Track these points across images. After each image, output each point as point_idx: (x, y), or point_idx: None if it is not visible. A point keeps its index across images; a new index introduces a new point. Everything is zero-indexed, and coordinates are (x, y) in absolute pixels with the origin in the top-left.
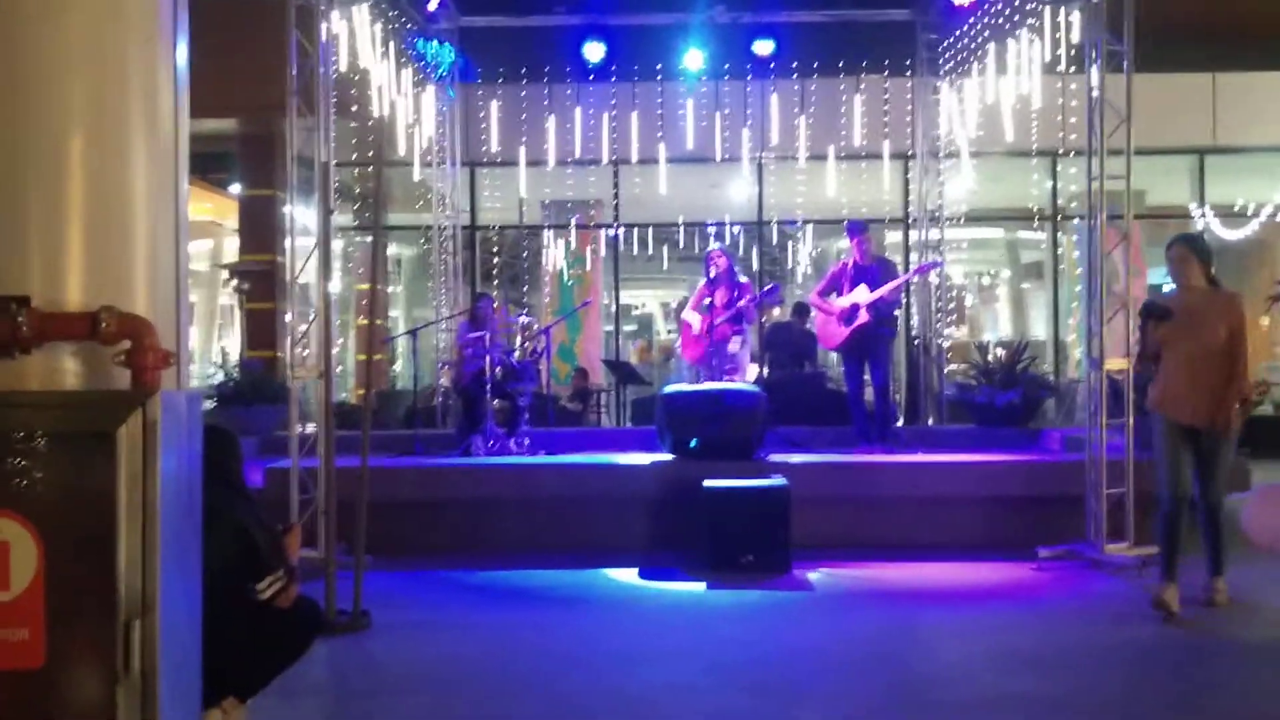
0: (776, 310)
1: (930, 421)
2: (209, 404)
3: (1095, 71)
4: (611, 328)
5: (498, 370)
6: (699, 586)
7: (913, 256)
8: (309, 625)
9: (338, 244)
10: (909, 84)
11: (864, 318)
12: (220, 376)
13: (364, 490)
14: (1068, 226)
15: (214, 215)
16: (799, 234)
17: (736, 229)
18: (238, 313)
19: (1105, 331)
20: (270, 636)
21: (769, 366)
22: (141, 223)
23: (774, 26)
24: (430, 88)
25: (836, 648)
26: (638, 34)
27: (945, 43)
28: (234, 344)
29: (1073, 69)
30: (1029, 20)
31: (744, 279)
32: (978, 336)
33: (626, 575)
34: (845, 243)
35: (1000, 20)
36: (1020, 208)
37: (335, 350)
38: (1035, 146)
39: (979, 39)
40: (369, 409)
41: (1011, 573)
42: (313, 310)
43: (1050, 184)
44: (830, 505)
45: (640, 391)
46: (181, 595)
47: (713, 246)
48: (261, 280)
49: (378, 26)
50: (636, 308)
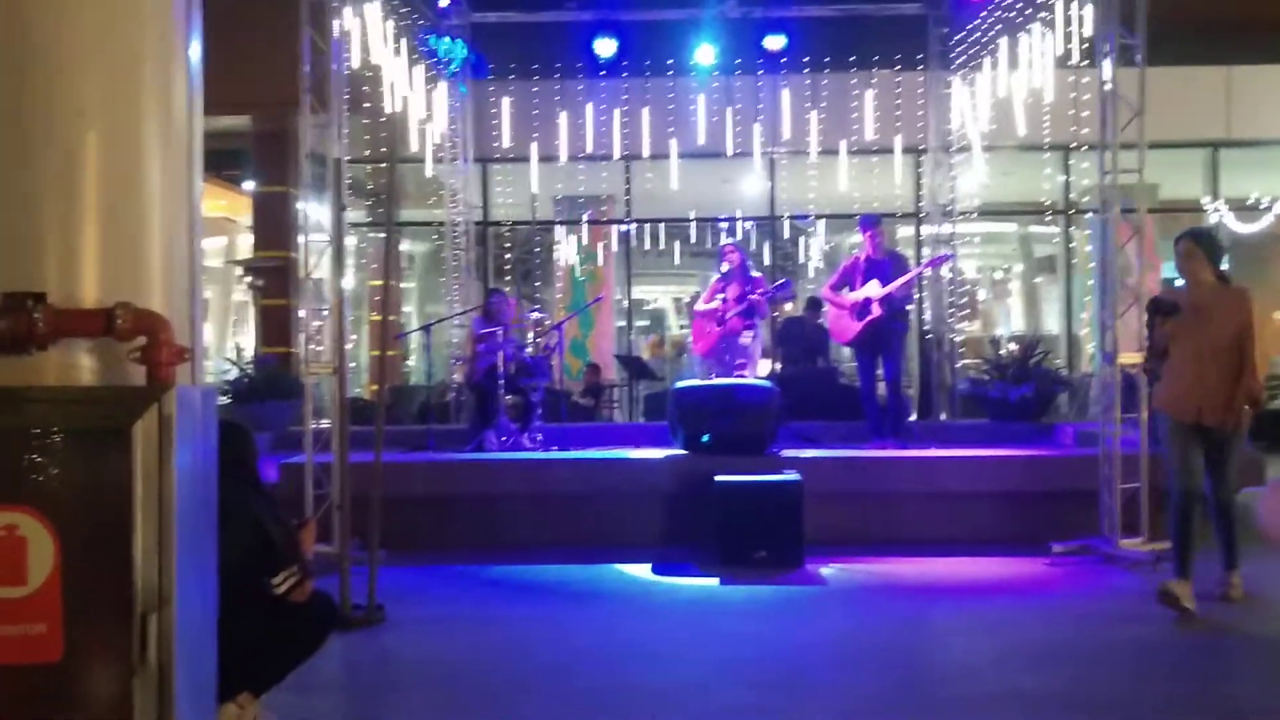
0: (789, 305)
1: (943, 416)
2: (224, 400)
3: (1108, 65)
4: (624, 323)
5: (510, 366)
6: (711, 582)
7: (925, 251)
8: (324, 620)
9: (351, 240)
10: (921, 78)
11: (876, 312)
12: (235, 373)
13: (378, 485)
14: (1080, 221)
15: (228, 212)
16: (811, 229)
17: (748, 224)
18: (252, 309)
19: (1118, 326)
20: (285, 631)
21: (781, 361)
22: (156, 219)
23: (785, 21)
24: (442, 84)
25: (849, 643)
26: (649, 29)
27: (957, 36)
28: (248, 340)
29: (1085, 62)
30: (1041, 14)
31: (757, 274)
32: (990, 331)
33: (639, 570)
34: (857, 237)
35: (1012, 14)
36: (1033, 202)
37: (349, 346)
38: (1048, 140)
39: (991, 33)
40: (383, 404)
41: (1024, 568)
42: (326, 306)
43: (1063, 178)
44: (843, 500)
45: (652, 387)
46: (197, 589)
47: (726, 242)
48: (275, 276)
49: (390, 23)
50: (648, 303)
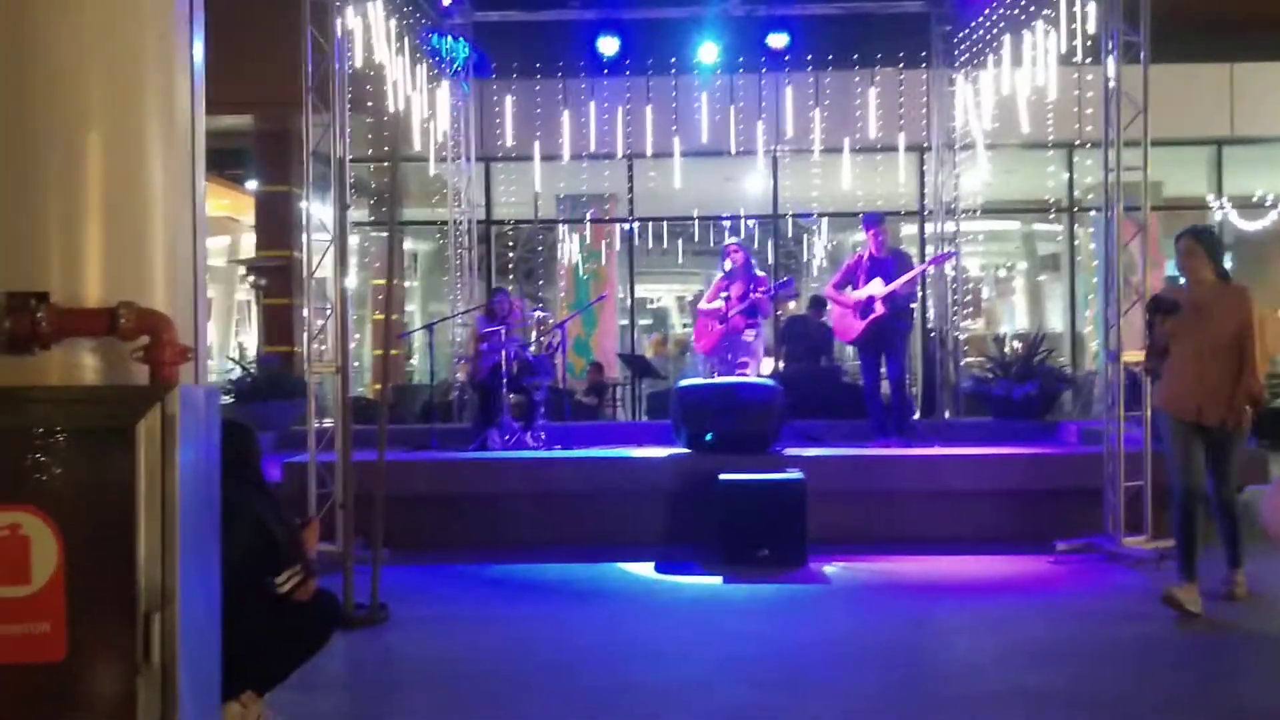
0: (792, 304)
1: (947, 414)
2: (227, 399)
3: (1111, 62)
4: (627, 322)
5: (513, 365)
6: (715, 580)
7: (928, 249)
8: (327, 619)
9: (354, 239)
10: (924, 76)
11: (880, 310)
12: (238, 372)
13: (381, 484)
14: (1084, 218)
15: (231, 211)
16: (814, 227)
17: (751, 222)
18: (255, 308)
19: (1122, 323)
20: (289, 630)
21: (785, 360)
22: (159, 219)
23: (788, 19)
24: (445, 83)
25: (852, 642)
26: (652, 28)
27: (960, 34)
28: (251, 339)
29: (1089, 60)
30: (1044, 11)
31: (761, 273)
32: (994, 329)
33: (642, 569)
34: (860, 235)
35: (1015, 11)
36: (1036, 200)
37: (352, 345)
38: (1051, 138)
39: (994, 30)
40: (386, 403)
41: (1028, 566)
42: (329, 305)
43: (1066, 175)
44: (846, 499)
45: (656, 385)
46: (200, 588)
47: (729, 241)
48: (278, 276)
49: (392, 22)
50: (652, 302)
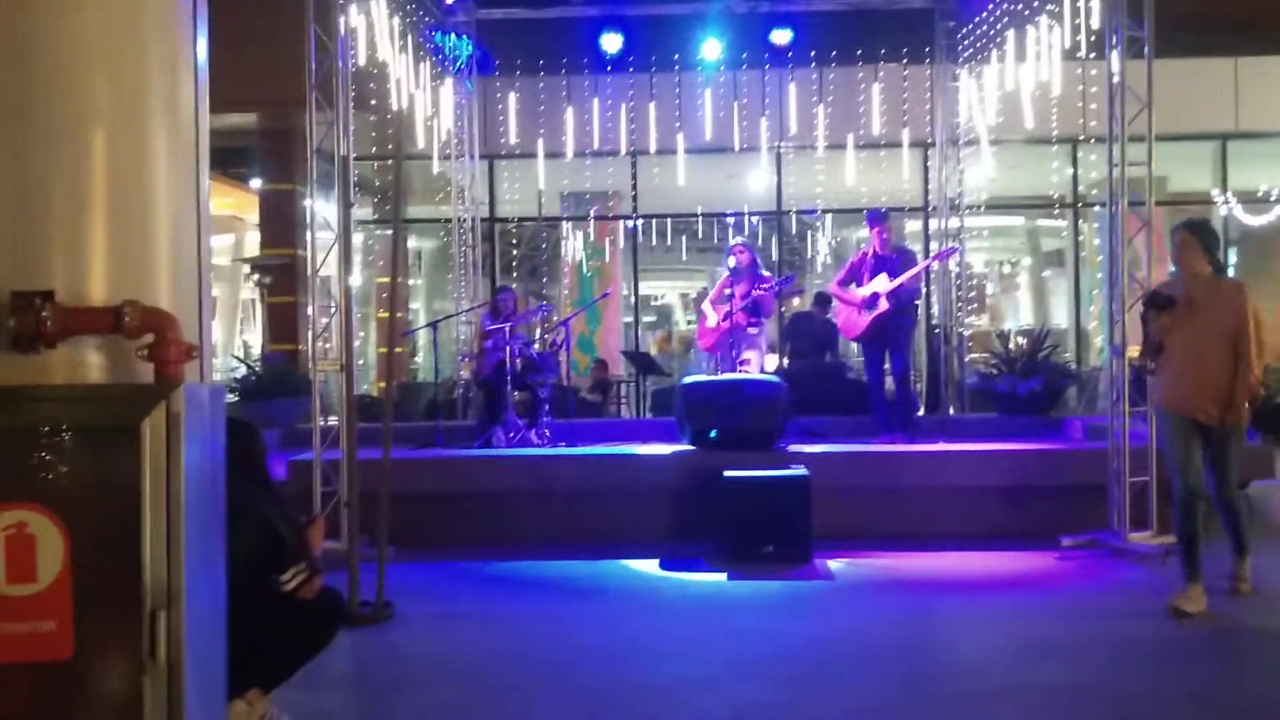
0: (797, 300)
1: (952, 410)
2: (232, 397)
3: (1116, 57)
4: (631, 319)
5: (518, 362)
6: (720, 577)
7: (932, 245)
8: (332, 616)
9: (358, 237)
10: (928, 72)
11: (884, 306)
12: (242, 370)
13: (386, 482)
14: (1089, 214)
15: (235, 210)
16: (818, 224)
17: (755, 219)
18: (259, 307)
19: (1127, 319)
20: (294, 628)
21: (790, 357)
22: (163, 217)
23: (792, 15)
24: (448, 81)
25: (857, 638)
26: (655, 24)
27: (964, 30)
28: (256, 338)
29: (1093, 55)
30: (1048, 6)
31: (766, 273)
32: (999, 325)
33: (647, 566)
34: (865, 232)
35: (1019, 6)
36: (1041, 195)
37: (356, 343)
38: (1055, 133)
39: (998, 25)
40: (390, 401)
41: (1034, 562)
42: (334, 304)
43: (1071, 171)
44: (851, 495)
45: (660, 382)
46: (206, 586)
47: (735, 241)
48: (283, 274)
49: (396, 20)
50: (656, 299)
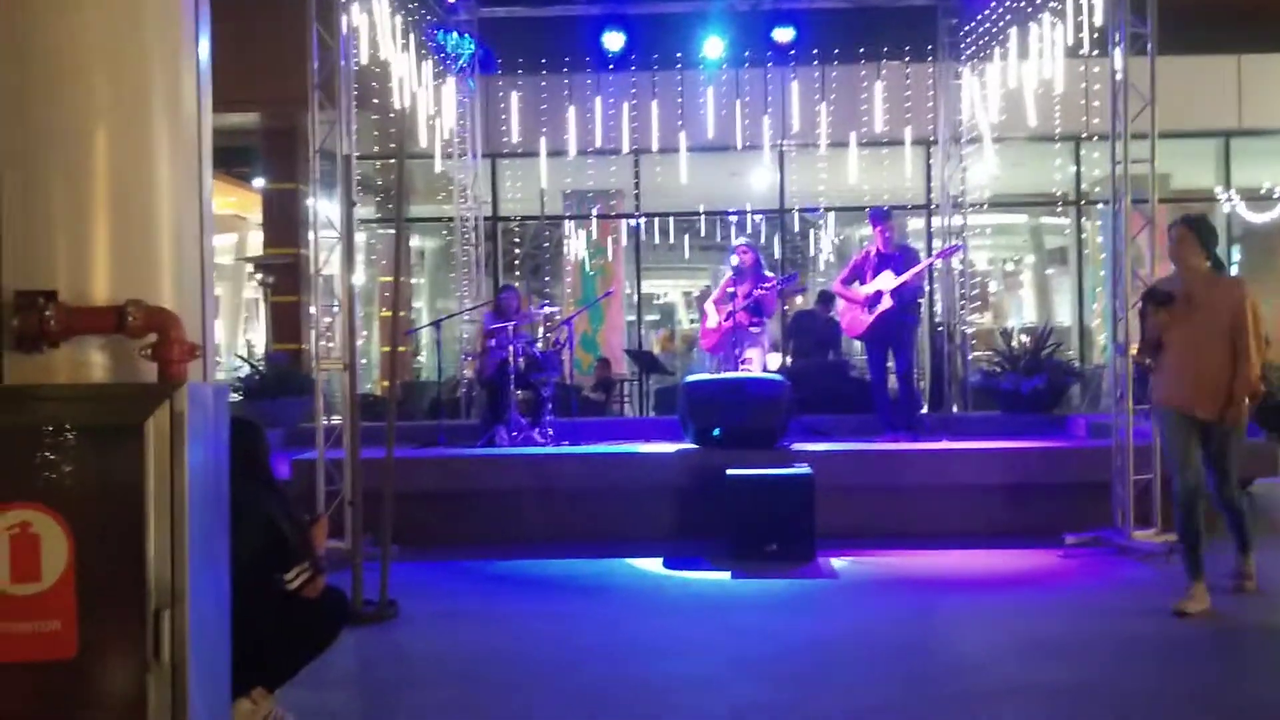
0: (800, 299)
1: (955, 409)
2: (235, 397)
3: (1119, 54)
4: (634, 317)
5: (521, 361)
6: (723, 575)
7: (935, 243)
8: (336, 615)
9: (360, 236)
10: (930, 69)
11: (887, 304)
12: (246, 369)
13: (389, 481)
14: (1092, 211)
15: (237, 209)
16: (821, 222)
17: (758, 217)
18: (262, 306)
19: (1130, 316)
20: (298, 626)
21: (793, 355)
22: (166, 217)
23: (794, 13)
24: (450, 79)
25: (861, 637)
26: (657, 23)
27: (966, 27)
28: (259, 337)
29: (1096, 52)
30: (1051, 3)
31: (770, 274)
32: (1002, 323)
33: (651, 565)
34: (868, 229)
35: (1022, 3)
36: (1044, 193)
37: (359, 342)
38: (1058, 131)
39: (1001, 23)
40: (393, 400)
41: (1038, 560)
42: (337, 303)
43: (1074, 168)
44: (855, 493)
45: (663, 381)
46: (210, 585)
47: (739, 241)
48: (285, 273)
49: (398, 19)
50: (658, 297)
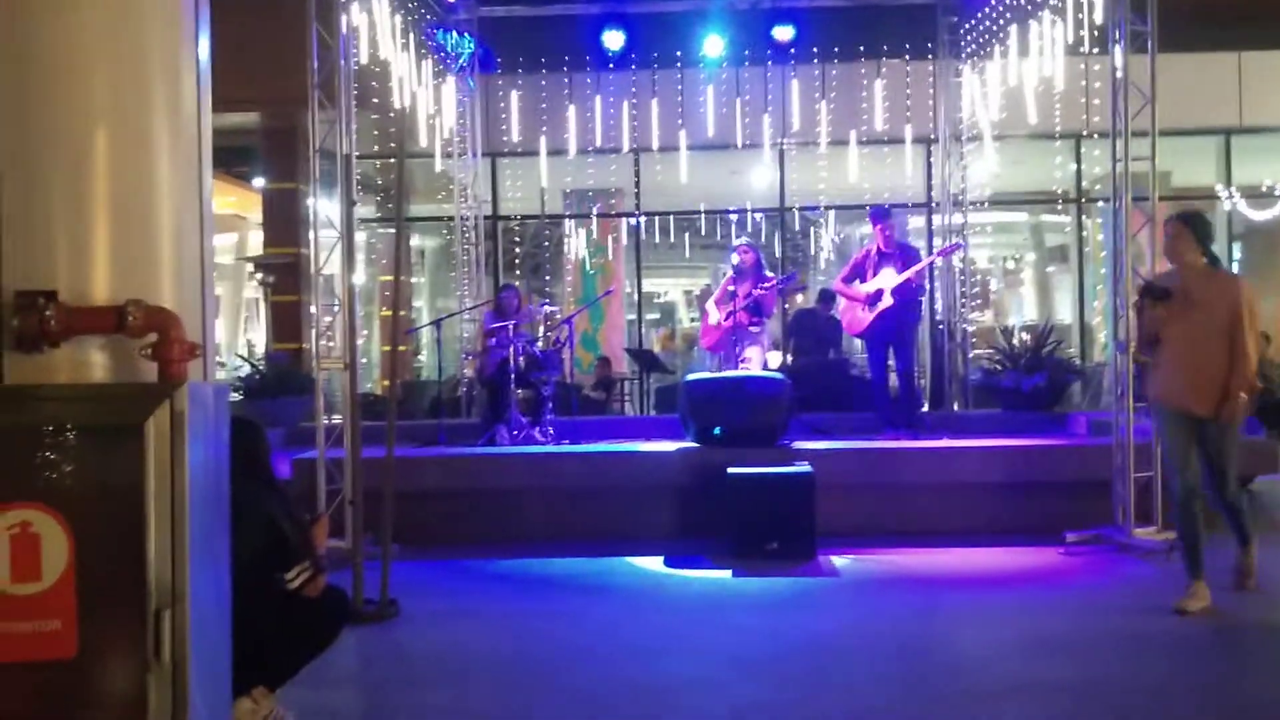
0: (800, 297)
1: (956, 407)
2: (235, 396)
3: (1119, 52)
4: (634, 316)
5: (521, 360)
6: (724, 574)
7: (936, 241)
8: (337, 614)
9: (361, 236)
10: (930, 67)
11: (888, 303)
12: (246, 369)
13: (390, 480)
14: (1092, 209)
15: (237, 209)
16: (821, 220)
17: (758, 216)
18: (263, 305)
19: (1131, 314)
20: (299, 626)
21: (793, 353)
22: (166, 216)
23: (794, 11)
24: (450, 79)
25: (862, 635)
26: (657, 21)
27: (967, 25)
28: (259, 337)
29: (1096, 50)
30: (1051, 1)
31: (770, 274)
32: (1003, 321)
33: (651, 563)
34: (868, 228)
35: (1022, 1)
36: (1044, 191)
37: (360, 342)
38: (1059, 129)
39: (1001, 21)
40: (394, 400)
41: (1039, 558)
42: (337, 302)
43: (1074, 166)
44: (856, 492)
45: (663, 380)
46: (210, 585)
47: (740, 241)
48: (286, 273)
49: (397, 18)
50: (659, 296)
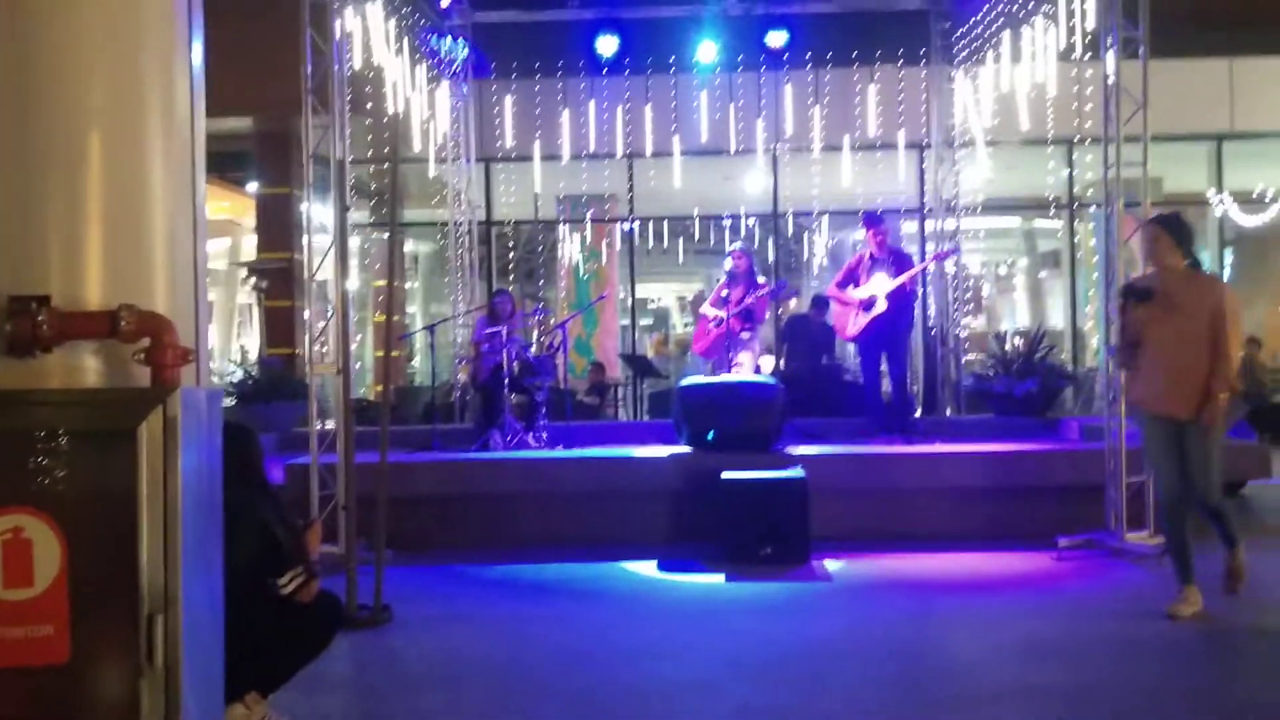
0: (794, 302)
1: (948, 412)
2: (229, 401)
3: (1111, 58)
4: (628, 321)
5: (515, 365)
6: (718, 579)
7: (929, 247)
8: (330, 620)
9: (354, 241)
10: (923, 73)
11: (881, 308)
12: (239, 374)
13: (383, 486)
14: (1084, 214)
15: (231, 214)
16: (814, 225)
17: (752, 221)
18: (256, 310)
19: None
20: (292, 631)
21: (787, 359)
22: (160, 221)
23: (787, 17)
24: (444, 84)
25: (856, 640)
26: (651, 27)
27: (959, 31)
28: (253, 342)
29: (1088, 55)
30: (1044, 7)
31: (763, 279)
32: (995, 326)
33: (645, 568)
34: (861, 233)
35: (1014, 7)
36: (1036, 196)
37: (353, 347)
38: (1051, 134)
39: (993, 26)
40: (387, 405)
41: (1031, 562)
42: (330, 307)
43: (1066, 172)
44: (848, 496)
45: (657, 385)
46: (203, 590)
47: (733, 246)
48: (279, 278)
49: (391, 23)
50: (652, 301)
